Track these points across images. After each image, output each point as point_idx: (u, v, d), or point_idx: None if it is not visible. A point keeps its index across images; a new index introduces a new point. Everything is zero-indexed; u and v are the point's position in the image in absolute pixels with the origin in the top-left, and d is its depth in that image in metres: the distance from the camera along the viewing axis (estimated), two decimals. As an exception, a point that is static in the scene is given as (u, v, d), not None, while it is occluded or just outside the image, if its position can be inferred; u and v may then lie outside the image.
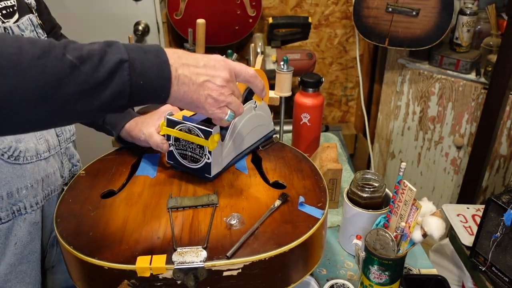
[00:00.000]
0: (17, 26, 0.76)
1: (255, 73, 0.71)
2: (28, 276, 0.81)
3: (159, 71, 0.58)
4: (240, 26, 1.93)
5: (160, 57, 0.58)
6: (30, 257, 0.80)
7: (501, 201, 0.88)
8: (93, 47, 0.54)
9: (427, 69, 1.81)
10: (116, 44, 0.56)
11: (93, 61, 0.53)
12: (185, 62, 0.61)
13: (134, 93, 0.56)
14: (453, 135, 1.84)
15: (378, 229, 0.80)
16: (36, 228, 0.81)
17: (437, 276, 0.88)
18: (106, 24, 1.80)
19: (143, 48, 0.58)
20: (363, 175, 0.93)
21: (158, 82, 0.58)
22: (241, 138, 0.87)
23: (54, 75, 0.50)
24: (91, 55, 0.53)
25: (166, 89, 0.60)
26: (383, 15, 1.71)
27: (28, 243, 0.80)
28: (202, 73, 0.62)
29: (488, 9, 1.69)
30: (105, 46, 0.55)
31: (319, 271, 0.92)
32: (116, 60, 0.54)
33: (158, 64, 0.58)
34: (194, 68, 0.62)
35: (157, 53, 0.58)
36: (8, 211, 0.76)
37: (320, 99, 1.14)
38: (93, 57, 0.53)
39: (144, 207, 0.74)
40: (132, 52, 0.56)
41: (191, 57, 0.63)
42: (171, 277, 0.63)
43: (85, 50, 0.53)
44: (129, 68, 0.55)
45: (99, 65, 0.53)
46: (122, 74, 0.54)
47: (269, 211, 0.72)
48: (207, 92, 0.63)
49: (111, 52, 0.54)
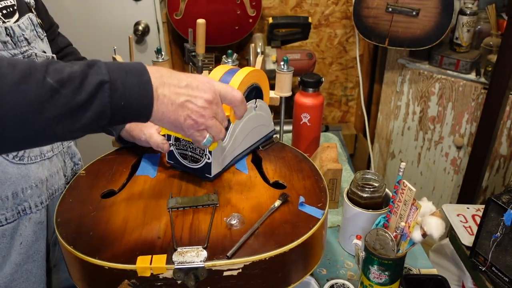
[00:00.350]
0: (18, 26, 0.76)
1: (242, 97, 0.68)
2: (33, 275, 0.81)
3: (140, 91, 0.57)
4: (240, 26, 1.93)
5: (142, 77, 0.58)
6: (35, 256, 0.81)
7: (501, 201, 0.88)
8: (74, 69, 0.54)
9: (427, 69, 1.82)
10: (98, 64, 0.56)
11: (74, 84, 0.53)
12: (166, 81, 0.60)
13: (115, 114, 0.56)
14: (453, 135, 1.84)
15: (378, 229, 0.80)
16: (41, 228, 0.81)
17: (437, 276, 0.88)
18: (106, 24, 1.80)
19: (125, 68, 0.57)
20: (363, 175, 0.93)
21: (140, 102, 0.57)
22: (241, 138, 0.87)
23: (35, 100, 0.50)
24: (72, 77, 0.53)
25: (148, 109, 0.59)
26: (383, 15, 1.71)
27: (33, 242, 0.80)
28: (183, 93, 0.61)
29: (488, 9, 1.69)
30: (86, 67, 0.55)
31: (319, 271, 0.92)
32: (97, 82, 0.54)
33: (140, 84, 0.57)
34: (174, 87, 0.60)
35: (140, 73, 0.58)
36: (13, 211, 0.76)
37: (320, 99, 1.15)
38: (74, 79, 0.53)
39: (145, 207, 0.74)
40: (113, 72, 0.55)
41: (175, 76, 0.61)
42: (172, 277, 0.63)
43: (66, 72, 0.53)
44: (110, 89, 0.54)
45: (80, 88, 0.53)
46: (102, 96, 0.54)
47: (269, 211, 0.72)
48: (186, 112, 0.61)
49: (92, 74, 0.54)
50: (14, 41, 0.74)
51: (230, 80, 0.84)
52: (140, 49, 1.86)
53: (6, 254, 0.77)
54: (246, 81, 0.85)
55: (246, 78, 0.85)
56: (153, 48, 1.67)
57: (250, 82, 0.87)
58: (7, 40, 0.73)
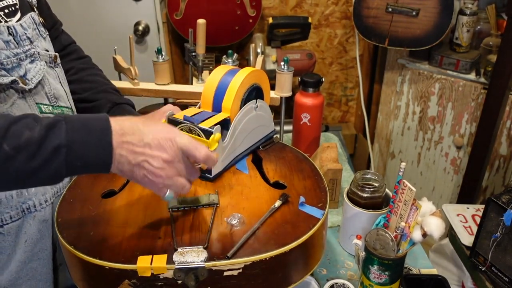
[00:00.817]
0: (20, 25, 0.75)
1: (206, 155, 0.65)
2: (39, 273, 0.81)
3: (99, 152, 0.59)
4: (240, 26, 1.93)
5: (104, 137, 0.59)
6: (40, 254, 0.81)
7: (501, 201, 0.88)
8: (34, 134, 0.56)
9: (427, 69, 1.82)
10: (59, 125, 0.57)
11: (29, 150, 0.55)
12: (126, 140, 0.60)
13: (70, 173, 0.59)
14: (453, 135, 1.84)
15: (378, 229, 0.80)
16: (46, 226, 0.81)
17: (437, 276, 0.88)
18: (106, 24, 1.80)
19: (88, 127, 0.59)
20: (363, 175, 0.93)
21: (98, 162, 0.59)
22: (242, 138, 0.87)
23: None
24: (29, 143, 0.55)
25: (106, 167, 0.60)
26: (383, 15, 1.71)
27: (38, 240, 0.80)
28: (140, 152, 0.61)
29: (488, 9, 1.69)
30: (46, 130, 0.57)
31: (319, 271, 0.93)
32: (54, 146, 0.56)
33: (100, 146, 0.59)
34: (133, 146, 0.60)
35: (102, 133, 0.59)
36: (18, 209, 0.76)
37: (320, 99, 1.15)
38: (30, 145, 0.55)
39: (145, 207, 0.75)
40: (74, 134, 0.57)
41: (138, 133, 0.61)
42: (172, 277, 0.63)
43: (24, 137, 0.55)
44: (66, 153, 0.57)
45: (37, 153, 0.56)
46: (58, 159, 0.57)
47: (269, 211, 0.72)
48: (143, 172, 0.62)
49: (51, 137, 0.56)
50: (16, 40, 0.74)
51: (231, 80, 0.84)
52: (140, 49, 1.86)
53: (11, 252, 0.77)
54: (246, 82, 0.85)
55: (247, 78, 0.85)
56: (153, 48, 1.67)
57: (250, 82, 0.87)
58: (10, 40, 0.73)
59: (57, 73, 0.85)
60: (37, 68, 0.78)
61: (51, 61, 0.84)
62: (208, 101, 0.86)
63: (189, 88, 1.15)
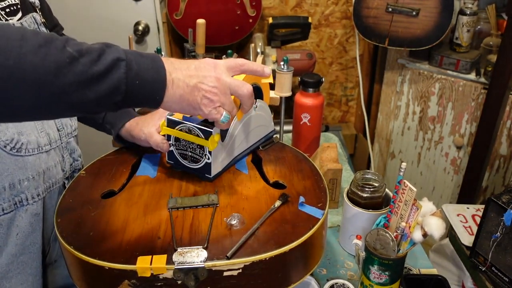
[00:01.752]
0: (20, 23, 0.77)
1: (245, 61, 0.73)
2: (29, 267, 0.81)
3: (154, 73, 0.60)
4: (240, 26, 1.93)
5: (156, 62, 0.62)
6: (31, 248, 0.81)
7: (501, 201, 0.88)
8: (93, 45, 0.57)
9: (427, 69, 1.82)
10: (115, 46, 0.59)
11: (92, 56, 0.55)
12: (177, 67, 0.64)
13: (129, 92, 0.58)
14: (453, 135, 1.84)
15: (379, 229, 0.80)
16: (37, 220, 0.82)
17: (437, 276, 0.88)
18: (106, 24, 1.80)
19: (140, 53, 0.61)
20: (363, 175, 0.93)
21: (153, 84, 0.61)
22: (241, 138, 0.87)
23: (54, 63, 0.52)
24: (91, 50, 0.56)
25: (161, 92, 0.62)
26: (383, 15, 1.71)
27: (29, 234, 0.80)
28: (194, 75, 0.65)
29: (488, 9, 1.69)
30: (104, 45, 0.58)
31: (319, 271, 0.92)
32: (114, 58, 0.57)
33: (154, 68, 0.61)
34: (186, 71, 0.64)
35: (154, 58, 0.62)
36: (10, 202, 0.77)
37: (320, 99, 1.15)
38: (92, 52, 0.56)
39: (145, 207, 0.74)
40: (129, 54, 0.59)
41: (183, 62, 0.66)
42: (172, 277, 0.63)
43: (85, 46, 0.56)
44: (126, 66, 0.57)
45: (98, 60, 0.56)
46: (118, 71, 0.57)
47: (269, 211, 0.72)
48: (202, 93, 0.65)
49: (109, 51, 0.57)
50: None
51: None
52: (140, 49, 1.86)
53: (3, 245, 0.77)
54: (246, 81, 0.85)
55: (246, 78, 0.85)
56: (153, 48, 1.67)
57: (250, 82, 0.87)
58: None
59: None
60: None
61: None
62: (208, 101, 0.86)
63: (189, 88, 1.15)
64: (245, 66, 0.74)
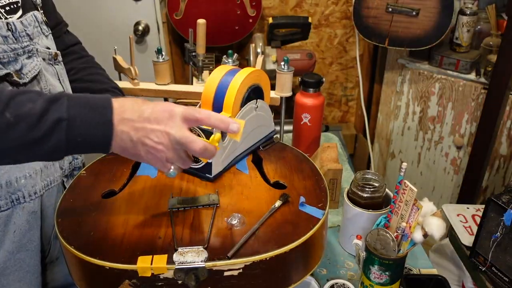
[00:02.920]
0: (20, 22, 0.77)
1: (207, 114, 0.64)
2: (26, 264, 0.81)
3: (100, 129, 0.60)
4: (240, 26, 1.93)
5: (105, 115, 0.60)
6: (28, 245, 0.81)
7: (501, 201, 0.88)
8: (35, 106, 0.57)
9: (427, 69, 1.81)
10: (61, 101, 0.59)
11: (30, 120, 0.56)
12: (126, 117, 0.61)
13: (71, 149, 0.60)
14: (453, 135, 1.84)
15: (379, 229, 0.80)
16: (35, 217, 0.82)
17: (437, 276, 0.88)
18: (106, 24, 1.80)
19: (89, 104, 0.60)
20: (363, 175, 0.93)
21: (98, 139, 0.60)
22: (242, 138, 0.87)
23: None
24: (31, 114, 0.56)
25: (106, 146, 0.61)
26: (383, 15, 1.71)
27: (26, 231, 0.80)
28: (141, 128, 0.61)
29: (488, 9, 1.69)
30: (48, 103, 0.58)
31: (320, 271, 0.92)
32: (55, 119, 0.57)
33: (101, 123, 0.60)
34: (133, 123, 0.61)
35: (103, 111, 0.60)
36: (7, 199, 0.77)
37: (321, 99, 1.15)
38: (31, 116, 0.56)
39: (145, 207, 0.74)
40: (75, 109, 0.59)
41: (137, 109, 0.62)
42: (172, 277, 0.63)
43: (26, 108, 0.57)
44: (67, 126, 0.58)
45: (36, 125, 0.57)
46: (59, 133, 0.58)
47: (269, 211, 0.72)
48: (146, 148, 0.62)
49: (52, 111, 0.57)
50: (15, 36, 0.75)
51: (231, 80, 0.84)
52: (140, 49, 1.86)
53: (0, 242, 0.77)
54: (247, 82, 0.85)
55: (247, 78, 0.85)
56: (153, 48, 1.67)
57: (251, 82, 0.87)
58: (8, 35, 0.74)
59: (56, 70, 0.86)
60: (33, 63, 0.78)
61: (50, 58, 0.84)
62: (208, 101, 0.86)
63: (189, 88, 1.15)
64: (205, 121, 0.64)
